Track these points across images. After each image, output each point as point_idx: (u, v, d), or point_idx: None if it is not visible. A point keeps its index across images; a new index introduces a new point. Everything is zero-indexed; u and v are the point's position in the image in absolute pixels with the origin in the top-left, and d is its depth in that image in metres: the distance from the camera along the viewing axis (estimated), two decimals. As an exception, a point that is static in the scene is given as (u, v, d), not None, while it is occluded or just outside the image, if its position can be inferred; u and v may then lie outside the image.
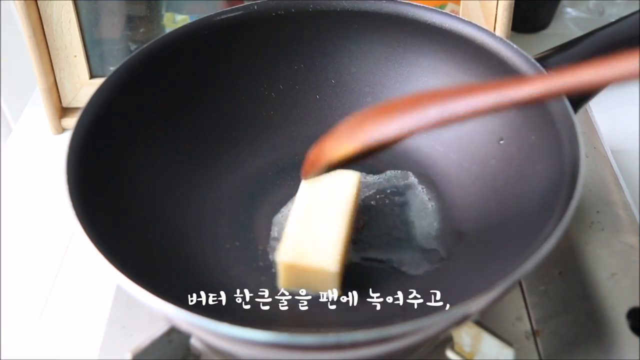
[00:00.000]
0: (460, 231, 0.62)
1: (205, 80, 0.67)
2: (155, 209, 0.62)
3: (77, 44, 0.81)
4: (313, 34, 0.69)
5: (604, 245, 0.65)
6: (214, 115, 0.68)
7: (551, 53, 0.63)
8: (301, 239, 0.56)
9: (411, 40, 0.68)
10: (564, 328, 0.60)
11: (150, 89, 0.63)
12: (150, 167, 0.62)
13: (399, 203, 0.65)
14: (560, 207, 0.49)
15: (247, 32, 0.67)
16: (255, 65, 0.69)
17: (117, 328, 0.62)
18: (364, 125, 0.48)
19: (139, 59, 0.63)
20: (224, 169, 0.67)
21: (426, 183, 0.67)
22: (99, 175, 0.56)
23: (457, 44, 0.65)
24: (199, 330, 0.46)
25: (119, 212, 0.56)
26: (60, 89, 0.84)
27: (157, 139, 0.64)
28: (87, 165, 0.55)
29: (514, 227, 0.56)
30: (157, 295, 0.45)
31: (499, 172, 0.62)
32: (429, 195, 0.66)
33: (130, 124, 0.62)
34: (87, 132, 0.57)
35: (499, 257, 0.55)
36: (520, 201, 0.58)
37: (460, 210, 0.64)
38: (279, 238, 0.61)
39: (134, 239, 0.56)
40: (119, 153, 0.60)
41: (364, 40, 0.69)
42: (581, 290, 0.63)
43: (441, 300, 0.53)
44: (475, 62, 0.65)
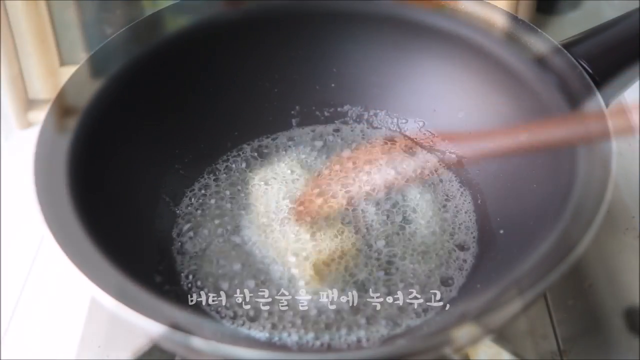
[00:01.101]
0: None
1: (202, 81, 0.69)
2: (137, 211, 0.63)
3: (45, 27, 0.82)
4: (311, 36, 0.70)
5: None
6: (210, 115, 0.69)
7: (580, 38, 0.63)
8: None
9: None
10: (595, 348, 0.61)
11: (148, 91, 0.65)
12: (132, 165, 0.64)
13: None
14: (588, 211, 0.50)
15: (244, 34, 0.69)
16: (251, 67, 0.70)
17: (92, 348, 0.63)
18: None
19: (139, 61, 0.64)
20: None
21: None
22: (73, 174, 0.57)
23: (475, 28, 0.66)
24: (186, 350, 0.47)
25: (95, 215, 0.57)
26: (26, 78, 0.84)
27: (142, 140, 0.65)
28: (58, 164, 0.56)
29: (536, 233, 0.57)
30: (139, 311, 0.46)
31: (520, 171, 0.63)
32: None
33: (109, 119, 0.63)
34: (58, 127, 0.58)
35: (517, 266, 0.56)
36: (543, 204, 0.58)
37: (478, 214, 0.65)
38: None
39: (111, 245, 0.57)
40: (96, 149, 0.60)
41: (366, 40, 0.70)
42: (614, 305, 0.63)
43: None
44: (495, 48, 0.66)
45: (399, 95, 0.71)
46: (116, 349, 0.63)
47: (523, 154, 0.62)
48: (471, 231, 0.64)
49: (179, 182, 0.68)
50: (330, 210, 0.63)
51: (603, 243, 0.68)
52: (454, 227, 0.64)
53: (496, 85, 0.64)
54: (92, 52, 0.63)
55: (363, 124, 0.73)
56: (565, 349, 0.61)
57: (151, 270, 0.60)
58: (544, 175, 0.60)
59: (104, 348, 0.63)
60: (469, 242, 0.63)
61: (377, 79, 0.71)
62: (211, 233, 0.64)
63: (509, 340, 0.55)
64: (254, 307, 0.58)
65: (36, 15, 0.81)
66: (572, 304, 0.64)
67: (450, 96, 0.69)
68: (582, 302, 0.64)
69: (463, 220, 0.65)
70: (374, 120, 0.73)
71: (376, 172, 0.65)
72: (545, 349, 0.61)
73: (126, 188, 0.63)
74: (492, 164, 0.66)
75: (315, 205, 0.63)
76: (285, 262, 0.60)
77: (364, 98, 0.73)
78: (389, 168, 0.66)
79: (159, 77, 0.65)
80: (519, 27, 0.63)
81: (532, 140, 0.57)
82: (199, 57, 0.68)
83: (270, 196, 0.65)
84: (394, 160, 0.67)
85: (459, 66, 0.67)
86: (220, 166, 0.70)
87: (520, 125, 0.60)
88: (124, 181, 0.62)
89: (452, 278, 0.60)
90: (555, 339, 0.61)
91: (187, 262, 0.62)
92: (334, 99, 0.73)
